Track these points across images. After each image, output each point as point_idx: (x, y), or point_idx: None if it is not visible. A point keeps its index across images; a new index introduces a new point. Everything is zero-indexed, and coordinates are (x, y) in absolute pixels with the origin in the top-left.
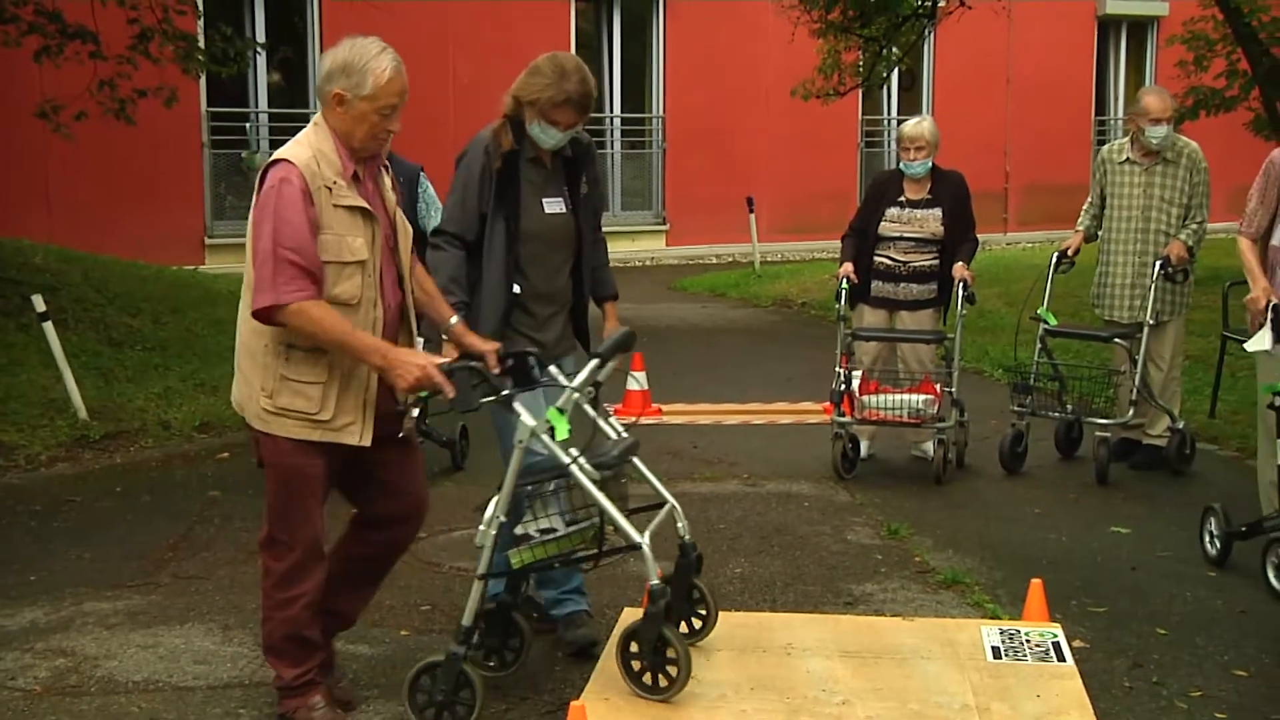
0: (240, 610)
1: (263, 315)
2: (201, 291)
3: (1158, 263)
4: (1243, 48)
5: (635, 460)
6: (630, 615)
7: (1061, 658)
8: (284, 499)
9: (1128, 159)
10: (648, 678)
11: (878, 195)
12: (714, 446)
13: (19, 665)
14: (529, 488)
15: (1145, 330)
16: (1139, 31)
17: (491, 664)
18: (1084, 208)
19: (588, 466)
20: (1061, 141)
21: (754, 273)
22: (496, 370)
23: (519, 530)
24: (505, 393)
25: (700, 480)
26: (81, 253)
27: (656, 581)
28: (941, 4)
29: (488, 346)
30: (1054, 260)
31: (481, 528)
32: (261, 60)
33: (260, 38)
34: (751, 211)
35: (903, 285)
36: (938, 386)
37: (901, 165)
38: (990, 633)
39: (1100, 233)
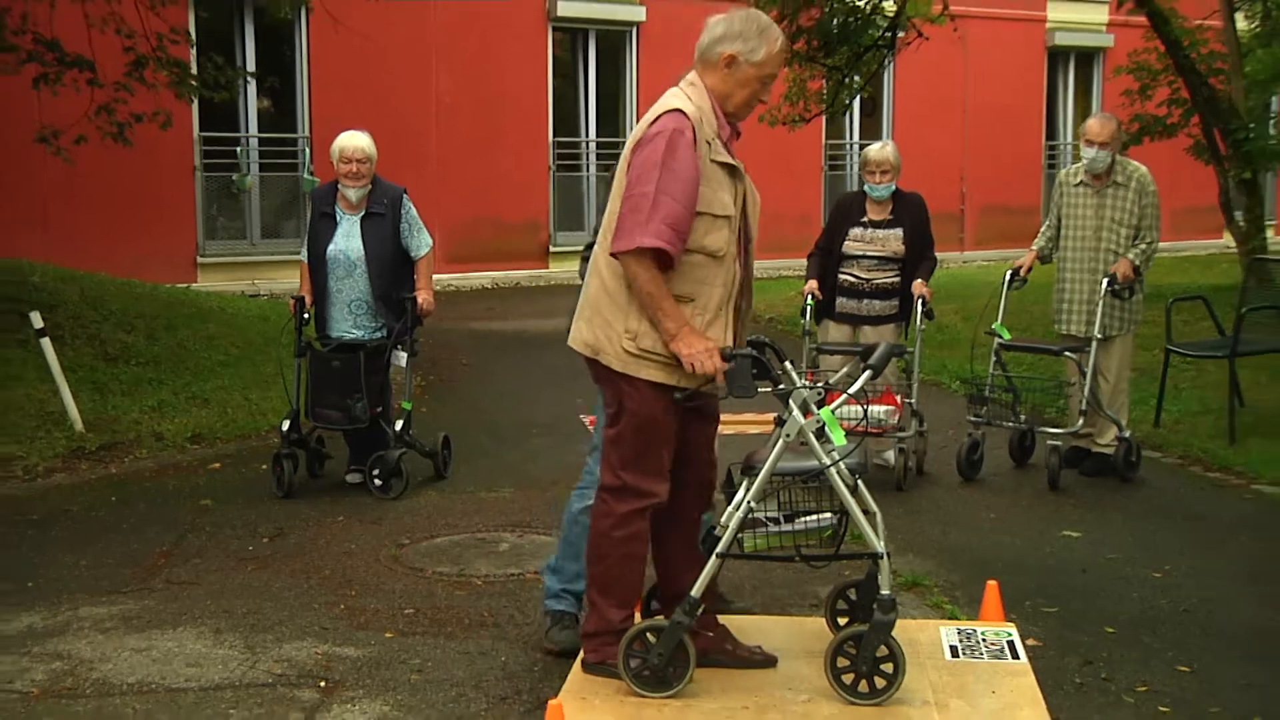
0: (231, 614)
1: (618, 256)
2: (193, 308)
3: (1105, 280)
4: (1183, 78)
5: None
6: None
7: (1016, 656)
8: (640, 447)
9: (1081, 181)
10: (863, 685)
11: (842, 216)
12: None
13: (17, 668)
14: (782, 479)
15: (1094, 344)
16: (1086, 62)
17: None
18: (1042, 228)
19: (845, 471)
20: (1014, 165)
21: None
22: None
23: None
24: (782, 386)
25: None
26: (78, 271)
27: (889, 592)
28: (900, 35)
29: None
30: (1008, 278)
31: (729, 509)
32: (252, 87)
33: (250, 66)
34: None
35: (865, 301)
36: (898, 398)
37: (866, 187)
38: (948, 632)
39: (1057, 252)
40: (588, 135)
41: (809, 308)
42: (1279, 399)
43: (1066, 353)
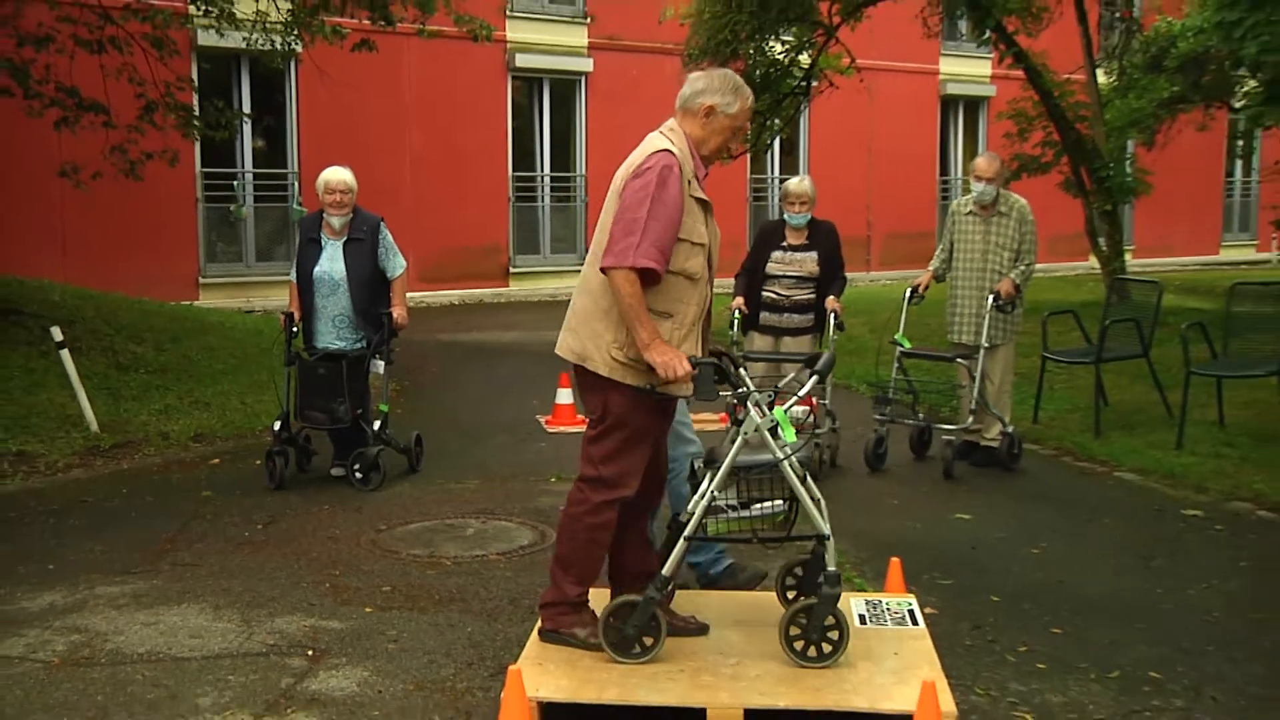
0: (229, 592)
1: (607, 271)
2: (196, 323)
3: (990, 296)
4: (1055, 123)
5: None
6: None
7: (915, 622)
8: (624, 448)
9: (971, 211)
10: (813, 650)
11: (764, 241)
12: None
13: (40, 640)
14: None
15: (981, 352)
16: (973, 108)
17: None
18: (937, 251)
19: (795, 463)
20: (913, 197)
21: None
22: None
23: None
24: (741, 390)
25: None
26: (93, 291)
27: (834, 568)
28: (814, 84)
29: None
30: (908, 295)
31: (695, 498)
32: (248, 127)
33: (246, 108)
34: None
35: (785, 315)
36: (814, 399)
37: (786, 216)
38: (857, 603)
39: (950, 272)
40: (543, 170)
41: (736, 320)
42: (1137, 398)
43: (958, 359)
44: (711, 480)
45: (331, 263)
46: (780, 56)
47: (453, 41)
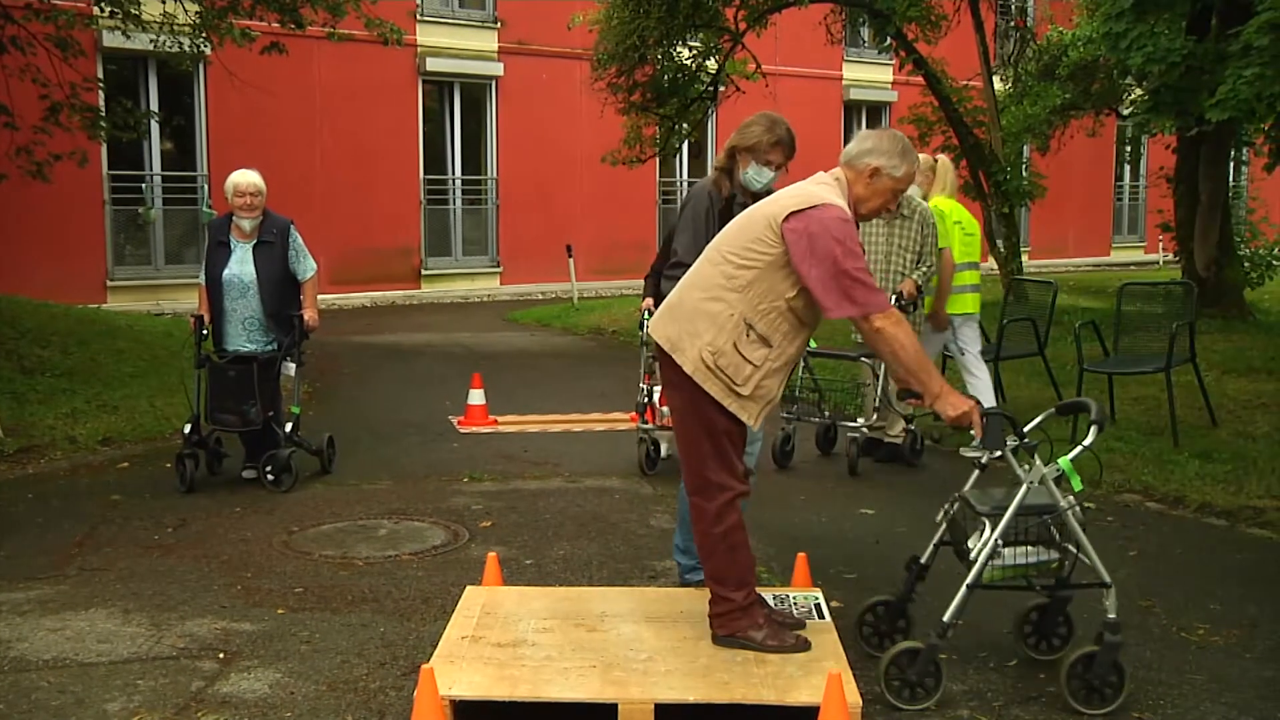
0: (138, 596)
1: (867, 322)
2: (104, 326)
3: (893, 297)
4: (953, 128)
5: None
6: (473, 592)
7: (822, 616)
8: (717, 447)
9: None
10: (1095, 698)
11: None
12: (541, 450)
13: None
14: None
15: None
16: (875, 113)
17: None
18: None
19: (1078, 512)
20: None
21: (573, 307)
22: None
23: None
24: (1026, 442)
25: (530, 478)
26: None
27: (1115, 616)
28: (721, 89)
29: None
30: None
31: (977, 545)
32: (156, 129)
33: (154, 110)
34: (570, 256)
35: None
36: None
37: None
38: (765, 597)
39: None
40: (454, 173)
41: (646, 322)
42: (1033, 395)
43: (863, 358)
44: (994, 528)
45: (241, 265)
46: (688, 62)
47: (363, 45)
